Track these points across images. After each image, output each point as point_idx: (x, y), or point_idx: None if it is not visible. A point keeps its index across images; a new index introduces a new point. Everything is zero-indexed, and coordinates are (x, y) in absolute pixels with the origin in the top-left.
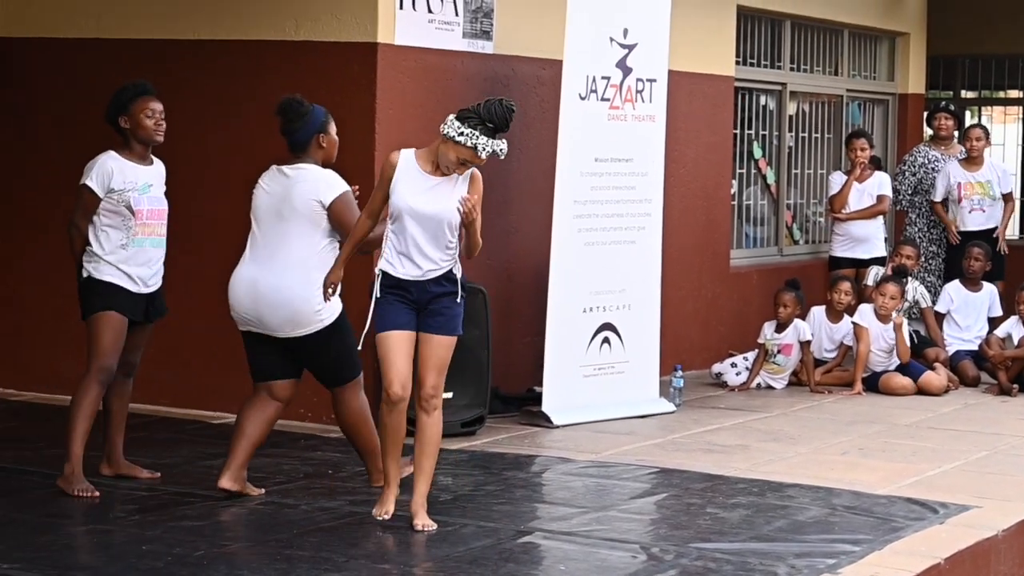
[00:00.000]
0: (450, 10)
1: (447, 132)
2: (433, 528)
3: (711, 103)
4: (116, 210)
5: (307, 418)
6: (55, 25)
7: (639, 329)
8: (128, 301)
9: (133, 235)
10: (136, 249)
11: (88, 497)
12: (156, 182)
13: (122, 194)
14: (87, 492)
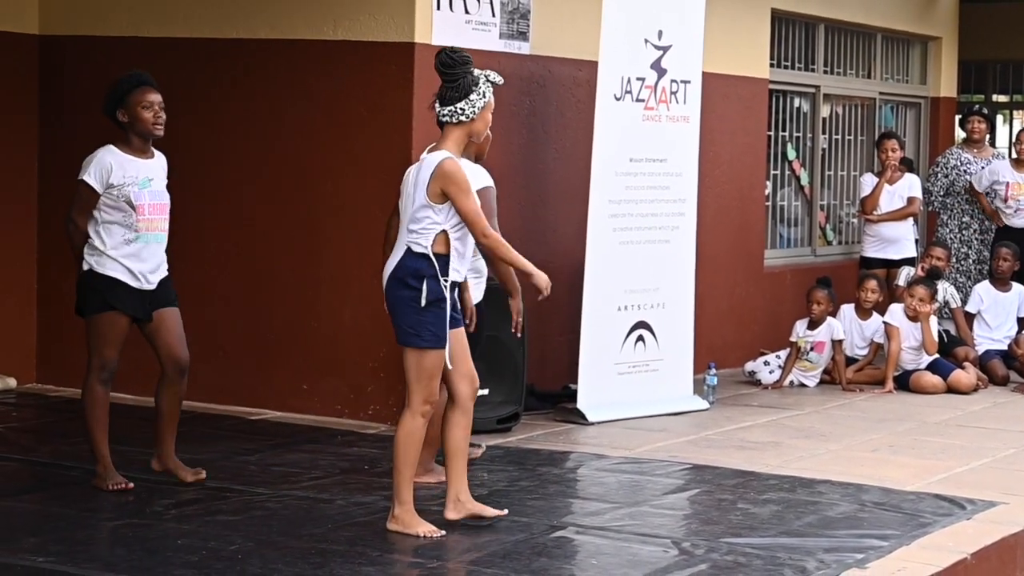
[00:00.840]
0: (487, 11)
1: (486, 100)
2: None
3: (745, 105)
4: (116, 205)
5: (344, 414)
6: (99, 24)
7: (673, 327)
8: (129, 298)
9: (136, 231)
10: (141, 245)
11: (123, 489)
12: (157, 176)
13: (121, 189)
14: (121, 485)
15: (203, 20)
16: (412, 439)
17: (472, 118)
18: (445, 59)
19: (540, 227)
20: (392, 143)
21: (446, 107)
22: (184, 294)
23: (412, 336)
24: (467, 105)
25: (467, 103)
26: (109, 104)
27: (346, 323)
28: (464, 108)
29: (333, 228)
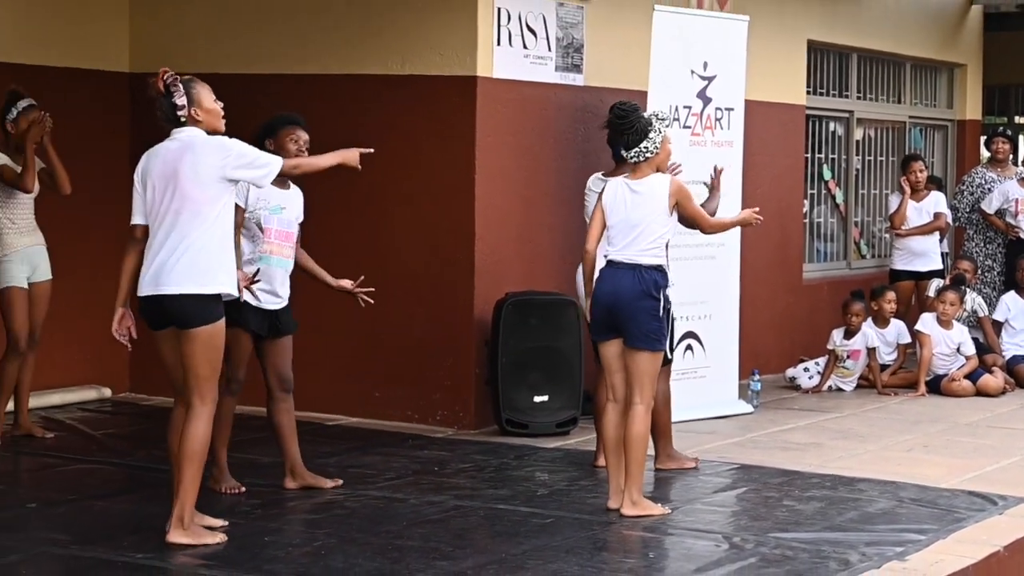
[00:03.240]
0: (544, 46)
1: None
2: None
3: (784, 129)
4: (247, 227)
5: (413, 420)
6: (185, 62)
7: (719, 337)
8: (251, 315)
9: (260, 251)
10: (263, 266)
11: (236, 493)
12: (290, 206)
13: (254, 212)
14: (235, 489)
15: (282, 57)
16: (648, 432)
17: (656, 153)
18: (619, 112)
19: None
20: (457, 169)
21: (632, 150)
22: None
23: (652, 340)
24: (649, 144)
25: (648, 142)
26: (261, 133)
27: (415, 336)
28: (648, 147)
29: (404, 248)
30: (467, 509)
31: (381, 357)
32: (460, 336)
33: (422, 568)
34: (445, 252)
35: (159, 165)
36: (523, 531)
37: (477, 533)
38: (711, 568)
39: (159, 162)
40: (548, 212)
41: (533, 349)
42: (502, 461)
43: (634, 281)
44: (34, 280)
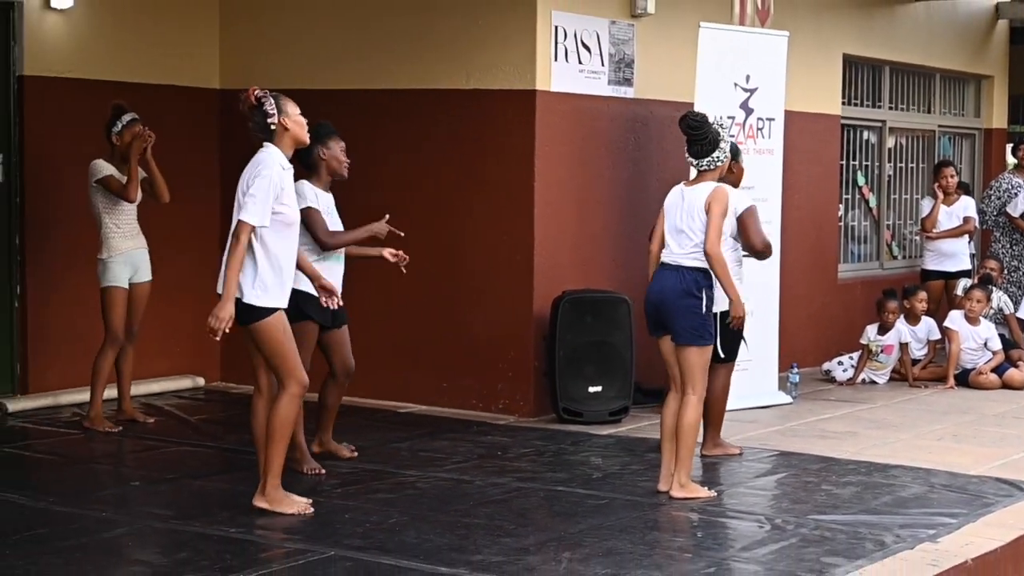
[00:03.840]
0: (597, 61)
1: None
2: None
3: (820, 138)
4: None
5: (478, 408)
6: (270, 79)
7: (761, 332)
8: (318, 308)
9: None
10: (325, 263)
11: (317, 474)
12: (333, 207)
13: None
14: (316, 470)
15: (358, 74)
16: (699, 421)
17: (725, 162)
18: (691, 123)
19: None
20: (517, 175)
21: (703, 159)
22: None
23: (696, 336)
24: (720, 153)
25: (719, 151)
26: (312, 141)
27: (479, 330)
28: (719, 156)
29: (468, 249)
30: (528, 490)
31: (449, 350)
32: (521, 331)
33: (488, 544)
34: (507, 254)
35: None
36: (580, 511)
37: (537, 513)
38: (755, 547)
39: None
40: (602, 216)
41: (588, 343)
42: (559, 447)
43: (676, 281)
44: (135, 281)
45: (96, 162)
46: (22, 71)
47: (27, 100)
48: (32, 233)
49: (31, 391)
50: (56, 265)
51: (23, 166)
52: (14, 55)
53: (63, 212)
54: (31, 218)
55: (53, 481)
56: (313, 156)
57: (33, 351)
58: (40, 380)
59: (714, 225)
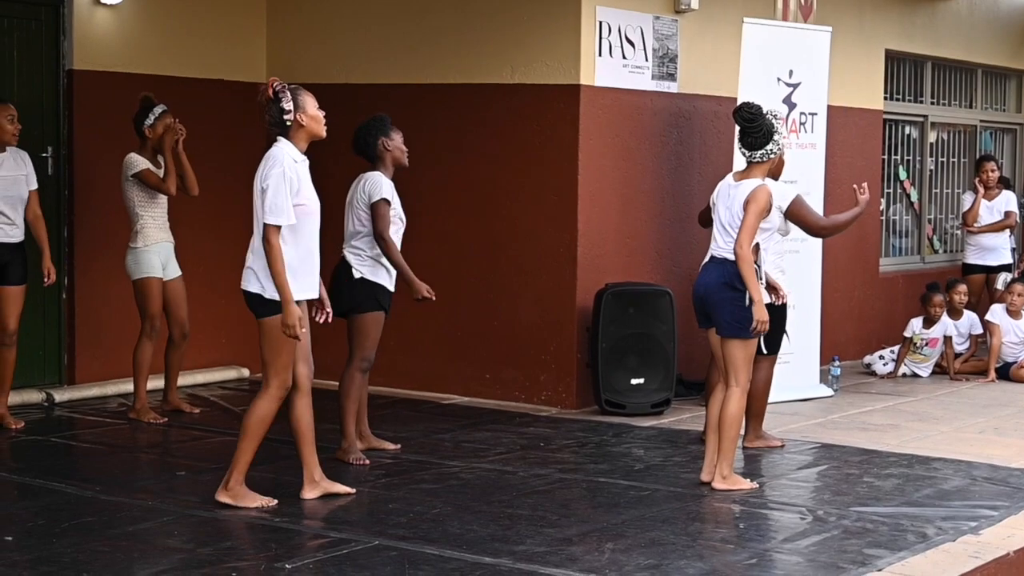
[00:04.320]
0: (641, 56)
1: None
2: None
3: (863, 133)
4: (394, 220)
5: (520, 399)
6: (317, 73)
7: (802, 325)
8: (389, 299)
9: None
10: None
11: (361, 465)
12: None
13: (394, 206)
14: (360, 461)
15: (403, 68)
16: (742, 414)
17: (777, 154)
18: (746, 115)
19: (686, 240)
20: (561, 170)
21: (757, 151)
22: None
23: (739, 329)
24: (773, 145)
25: (773, 144)
26: (375, 133)
27: (522, 322)
28: (772, 149)
29: (511, 242)
30: (571, 481)
31: (492, 342)
32: (563, 323)
33: (531, 534)
34: (550, 246)
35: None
36: (622, 502)
37: (580, 504)
38: (797, 539)
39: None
40: (644, 210)
41: (630, 335)
42: (602, 438)
43: (719, 274)
44: (168, 277)
45: (131, 156)
46: (71, 65)
47: (76, 94)
48: (80, 226)
49: (78, 381)
50: (103, 257)
51: (72, 160)
52: (63, 49)
53: (111, 205)
54: (79, 211)
55: (99, 470)
56: (377, 148)
57: (80, 342)
58: (87, 370)
59: (746, 225)
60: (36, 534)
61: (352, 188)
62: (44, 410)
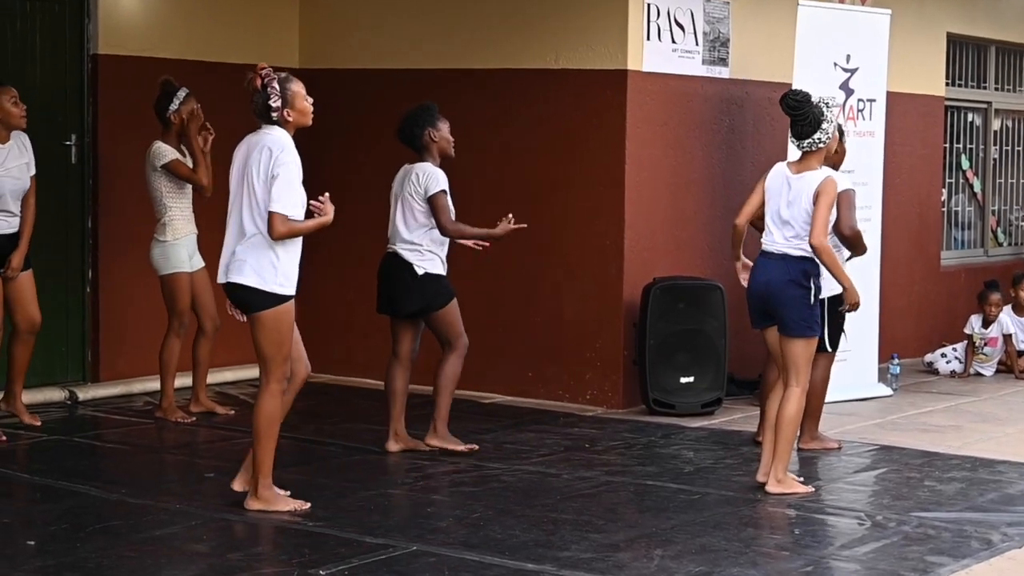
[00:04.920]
0: (691, 40)
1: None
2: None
3: (923, 120)
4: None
5: (564, 398)
6: (351, 58)
7: (860, 321)
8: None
9: None
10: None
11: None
12: None
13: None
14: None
15: (443, 53)
16: (800, 415)
17: (827, 143)
18: (791, 102)
19: None
20: (608, 159)
21: (804, 140)
22: None
23: (805, 328)
24: (821, 134)
25: (821, 132)
26: (422, 123)
27: (567, 317)
28: (820, 138)
29: (555, 235)
30: (617, 485)
31: (534, 338)
32: (609, 319)
33: (576, 540)
34: (596, 239)
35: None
36: (671, 507)
37: (627, 508)
38: (855, 545)
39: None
40: (695, 200)
41: (679, 332)
42: (650, 439)
43: (784, 271)
44: (194, 269)
45: (157, 145)
46: (96, 50)
47: (101, 80)
48: (105, 217)
49: (102, 379)
50: (129, 249)
51: (96, 148)
52: (88, 33)
53: (137, 195)
54: (104, 202)
55: (125, 472)
56: (424, 138)
57: (105, 338)
58: (112, 367)
59: (821, 217)
60: (59, 538)
61: (400, 180)
62: (67, 409)
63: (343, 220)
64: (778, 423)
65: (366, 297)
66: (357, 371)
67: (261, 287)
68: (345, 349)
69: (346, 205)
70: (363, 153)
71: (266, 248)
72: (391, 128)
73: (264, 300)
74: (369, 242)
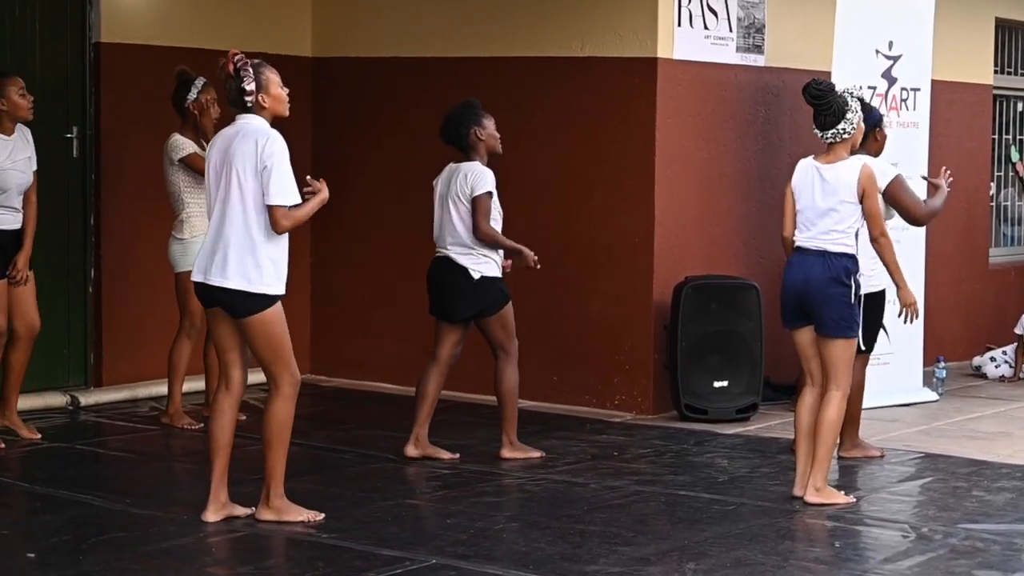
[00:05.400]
0: (724, 27)
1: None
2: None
3: (971, 110)
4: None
5: (591, 404)
6: (366, 46)
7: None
8: None
9: None
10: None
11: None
12: None
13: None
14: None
15: (461, 41)
16: (840, 420)
17: (852, 134)
18: (814, 91)
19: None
20: (636, 152)
21: (828, 131)
22: None
23: (845, 328)
24: (846, 124)
25: (845, 123)
26: (468, 121)
27: (593, 318)
28: (844, 128)
29: (581, 231)
30: (647, 495)
31: (559, 341)
32: (639, 320)
33: (604, 553)
34: (624, 235)
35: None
36: (705, 518)
37: (658, 519)
38: (899, 559)
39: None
40: (728, 195)
41: (713, 333)
42: (682, 447)
43: (824, 268)
44: None
45: (175, 138)
46: (98, 38)
47: (104, 69)
48: (108, 212)
49: (105, 383)
50: (133, 247)
51: (99, 141)
52: (90, 20)
53: (141, 191)
54: (107, 196)
55: (129, 481)
56: (470, 138)
57: (108, 340)
58: (115, 372)
59: (876, 211)
60: (60, 551)
61: (447, 180)
62: (68, 414)
63: (356, 216)
64: (817, 428)
65: (379, 296)
66: (371, 375)
67: (246, 288)
68: (358, 351)
69: (359, 200)
70: (378, 146)
71: (250, 247)
72: (408, 119)
73: (252, 303)
74: (384, 239)
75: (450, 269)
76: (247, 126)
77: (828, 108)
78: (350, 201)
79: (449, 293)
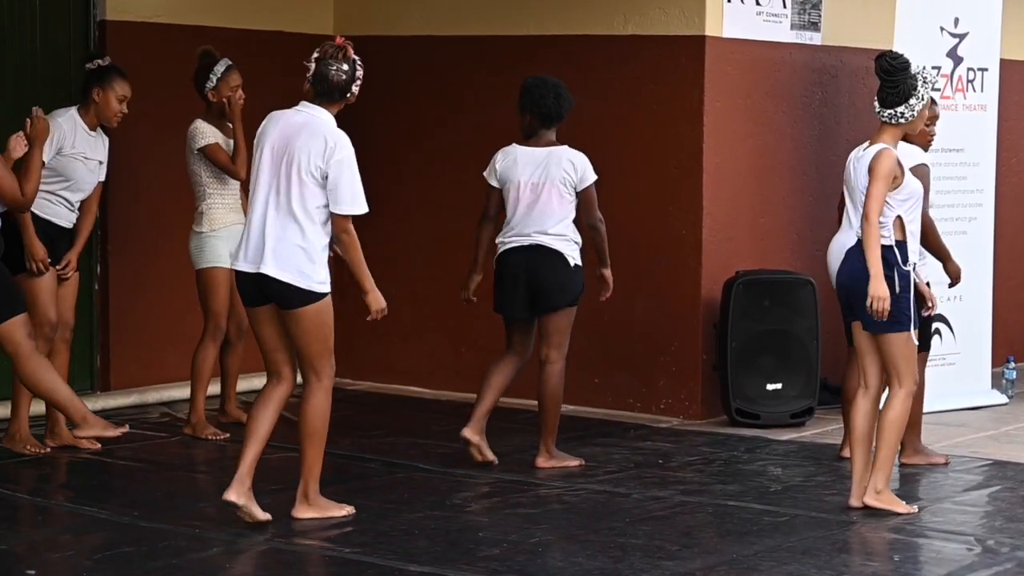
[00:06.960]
0: (778, 2)
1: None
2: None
3: None
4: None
5: (636, 408)
6: (391, 24)
7: (970, 320)
8: None
9: None
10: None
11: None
12: None
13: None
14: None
15: (494, 18)
16: (905, 419)
17: (910, 120)
18: (886, 65)
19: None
20: (682, 135)
21: (886, 110)
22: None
23: (893, 323)
24: (907, 109)
25: (907, 107)
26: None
27: (638, 319)
28: (904, 112)
29: (623, 224)
30: (694, 505)
31: (601, 342)
32: (686, 319)
33: (647, 568)
34: (670, 227)
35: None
36: (755, 530)
37: (705, 532)
38: (963, 573)
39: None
40: (782, 183)
41: (765, 333)
42: (731, 454)
43: (862, 259)
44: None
45: (196, 125)
46: (103, 15)
47: (109, 49)
48: (115, 204)
49: (113, 388)
50: (142, 243)
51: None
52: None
53: (150, 182)
54: (114, 187)
55: (138, 492)
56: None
57: (116, 342)
58: (123, 375)
59: (871, 194)
60: (63, 567)
61: (537, 164)
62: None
63: (386, 209)
64: (880, 428)
65: (409, 295)
66: (398, 378)
67: (302, 285)
68: (385, 353)
69: (389, 193)
70: (406, 133)
71: (305, 242)
72: (439, 102)
73: (306, 297)
74: (414, 233)
75: (546, 256)
76: (316, 120)
77: (895, 87)
78: (379, 194)
79: (546, 282)
